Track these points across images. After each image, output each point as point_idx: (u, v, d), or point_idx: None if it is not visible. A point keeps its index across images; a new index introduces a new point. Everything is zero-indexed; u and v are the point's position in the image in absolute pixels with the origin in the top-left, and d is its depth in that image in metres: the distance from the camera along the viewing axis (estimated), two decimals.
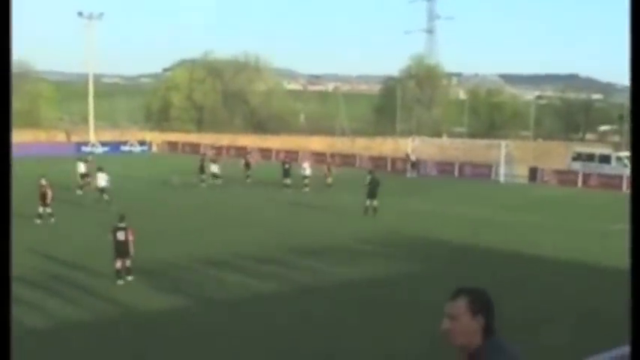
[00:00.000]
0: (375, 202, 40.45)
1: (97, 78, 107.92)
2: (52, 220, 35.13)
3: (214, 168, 54.26)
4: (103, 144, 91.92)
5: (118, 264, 23.63)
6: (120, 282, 23.63)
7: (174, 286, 23.81)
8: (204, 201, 46.03)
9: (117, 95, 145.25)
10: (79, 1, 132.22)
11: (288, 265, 27.64)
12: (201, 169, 53.66)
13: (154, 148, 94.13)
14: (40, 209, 34.94)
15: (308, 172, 51.05)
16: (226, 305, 21.76)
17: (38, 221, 34.67)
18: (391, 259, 29.70)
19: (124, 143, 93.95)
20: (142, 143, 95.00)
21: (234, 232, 34.73)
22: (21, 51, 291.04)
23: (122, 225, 23.87)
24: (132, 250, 23.77)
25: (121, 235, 23.62)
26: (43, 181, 35.57)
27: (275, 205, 44.65)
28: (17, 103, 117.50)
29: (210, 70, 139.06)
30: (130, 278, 23.95)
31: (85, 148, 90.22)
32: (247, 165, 56.43)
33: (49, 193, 35.12)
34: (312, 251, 30.15)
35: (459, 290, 5.11)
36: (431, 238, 33.92)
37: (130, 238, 23.72)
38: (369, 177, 41.38)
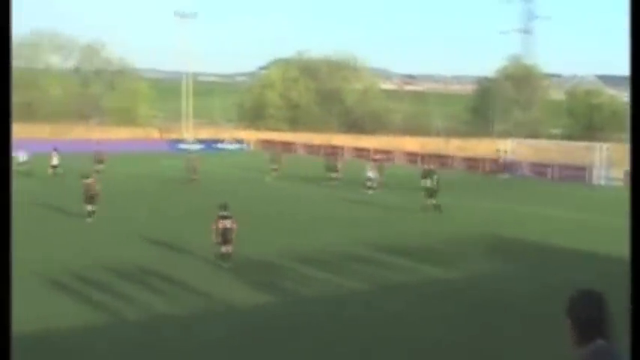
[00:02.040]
0: (435, 201, 40.98)
1: (194, 76, 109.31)
2: (95, 216, 35.16)
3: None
4: (199, 141, 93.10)
5: (223, 249, 25.43)
6: (225, 265, 25.27)
7: (266, 281, 23.86)
8: (293, 199, 46.21)
9: (213, 93, 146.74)
10: (176, 1, 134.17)
11: (378, 263, 27.46)
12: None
13: (249, 147, 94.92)
14: (89, 207, 35.12)
15: (371, 174, 50.84)
16: (318, 303, 21.67)
17: (89, 220, 34.80)
18: (480, 259, 29.30)
19: (220, 141, 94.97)
20: (238, 141, 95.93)
21: (322, 230, 34.75)
22: (120, 49, 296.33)
23: (225, 213, 25.54)
24: (233, 237, 25.45)
25: (225, 223, 25.26)
26: (89, 180, 35.79)
27: (359, 204, 44.49)
28: (115, 101, 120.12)
29: (306, 68, 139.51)
30: (226, 265, 25.37)
31: (181, 146, 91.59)
32: (334, 167, 56.62)
33: (96, 190, 35.30)
34: (402, 250, 29.93)
35: None
36: (522, 240, 33.38)
37: (234, 226, 25.37)
38: (435, 176, 41.72)
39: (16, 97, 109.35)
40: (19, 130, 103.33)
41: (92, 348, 17.09)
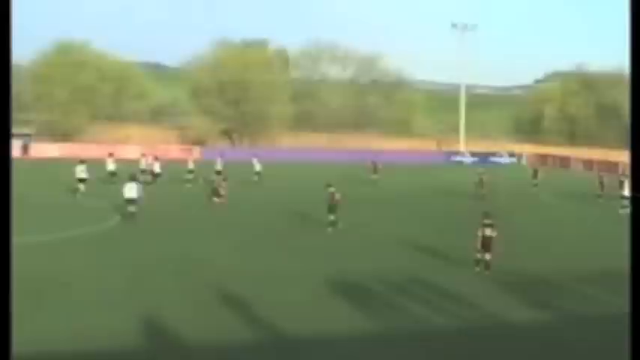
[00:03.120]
0: None
1: (469, 88, 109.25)
2: (339, 225, 34.88)
3: None
4: (473, 154, 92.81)
5: (479, 255, 25.87)
6: (477, 269, 25.78)
7: (536, 298, 23.22)
8: (558, 215, 45.00)
9: (487, 106, 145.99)
10: (453, 13, 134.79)
11: None
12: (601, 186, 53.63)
13: (523, 161, 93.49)
14: (331, 217, 35.04)
15: (626, 192, 47.59)
16: (593, 323, 20.80)
17: (330, 229, 34.59)
18: None
19: (493, 154, 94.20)
20: (511, 155, 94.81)
21: (582, 246, 33.32)
22: (397, 60, 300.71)
23: (488, 222, 25.89)
24: (493, 245, 25.70)
25: (487, 231, 25.67)
26: (332, 189, 35.62)
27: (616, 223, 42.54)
28: (392, 112, 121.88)
29: (585, 82, 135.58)
30: (487, 272, 25.46)
31: (454, 158, 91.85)
32: (601, 184, 54.28)
33: (337, 200, 35.17)
34: None
35: None
36: None
37: (493, 234, 25.71)
38: None
39: (296, 107, 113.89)
40: (298, 139, 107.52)
41: (366, 356, 17.30)
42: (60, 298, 20.56)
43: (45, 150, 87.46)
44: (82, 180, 46.82)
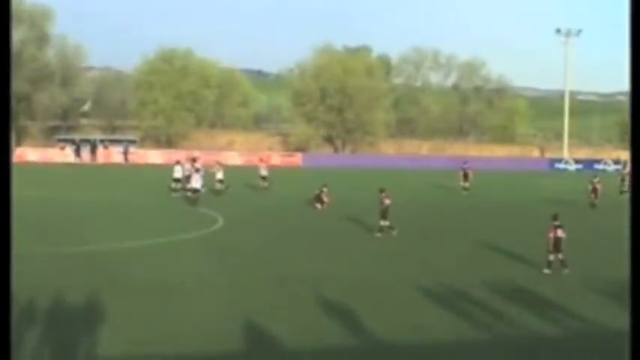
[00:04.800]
0: None
1: (572, 95, 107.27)
2: (394, 233, 34.37)
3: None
4: (577, 161, 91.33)
5: (552, 257, 26.58)
6: (546, 271, 26.36)
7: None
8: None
9: (591, 112, 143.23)
10: (556, 19, 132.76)
11: None
12: None
13: (628, 168, 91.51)
14: (382, 222, 34.46)
15: None
16: None
17: (378, 234, 34.19)
18: None
19: (598, 161, 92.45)
20: (616, 162, 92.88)
21: None
22: (499, 67, 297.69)
23: (558, 223, 26.90)
24: (563, 245, 26.57)
25: (559, 232, 26.65)
26: (383, 194, 35.02)
27: None
28: (494, 119, 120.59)
29: None
30: (566, 271, 26.20)
31: (557, 165, 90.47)
32: None
33: (387, 206, 34.72)
34: None
35: None
36: None
37: (563, 235, 26.60)
38: None
39: (397, 114, 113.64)
40: (399, 146, 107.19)
41: None
42: (166, 302, 20.78)
43: (147, 156, 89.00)
44: (177, 180, 47.67)
